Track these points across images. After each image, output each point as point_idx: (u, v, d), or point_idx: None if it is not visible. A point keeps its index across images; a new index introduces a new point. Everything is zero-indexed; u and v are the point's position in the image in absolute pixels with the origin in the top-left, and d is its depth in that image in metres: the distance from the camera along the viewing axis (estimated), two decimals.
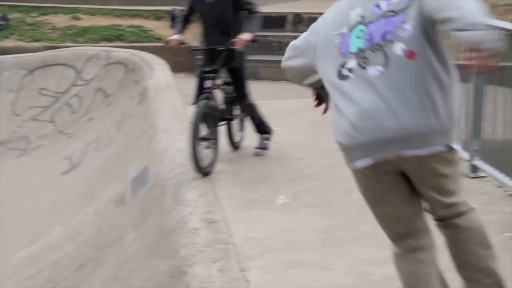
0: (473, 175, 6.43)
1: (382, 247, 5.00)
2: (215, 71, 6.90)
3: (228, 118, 7.31)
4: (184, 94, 10.43)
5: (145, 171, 7.26)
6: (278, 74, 10.17)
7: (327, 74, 3.44)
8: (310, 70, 3.65)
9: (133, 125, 9.06)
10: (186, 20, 7.14)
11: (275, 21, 15.56)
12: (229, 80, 7.17)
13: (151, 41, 16.27)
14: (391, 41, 3.25)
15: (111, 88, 11.29)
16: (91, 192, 7.98)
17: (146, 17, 17.27)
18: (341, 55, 3.38)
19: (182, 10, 7.21)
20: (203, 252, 5.16)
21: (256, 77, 14.18)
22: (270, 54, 14.38)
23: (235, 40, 6.74)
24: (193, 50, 7.25)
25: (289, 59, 3.75)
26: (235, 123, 7.51)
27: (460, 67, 3.23)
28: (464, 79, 6.90)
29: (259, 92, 12.02)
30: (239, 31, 6.84)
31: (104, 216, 7.08)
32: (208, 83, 6.83)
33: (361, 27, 3.35)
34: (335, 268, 4.80)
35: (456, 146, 3.36)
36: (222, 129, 7.23)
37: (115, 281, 5.75)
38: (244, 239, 5.31)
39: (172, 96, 9.42)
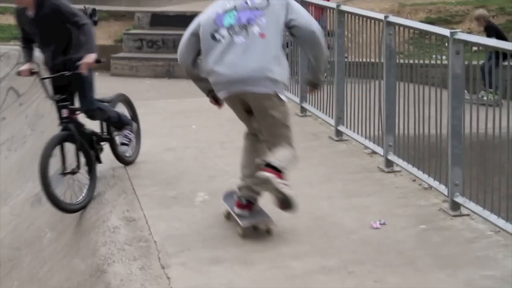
0: (388, 169, 6.58)
1: (302, 242, 5.11)
2: (67, 99, 6.39)
3: (107, 138, 6.81)
4: (99, 93, 10.31)
5: None
6: None
7: (205, 35, 5.26)
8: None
9: (47, 124, 8.92)
10: (27, 42, 6.58)
11: (189, 20, 15.55)
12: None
13: None
14: (252, 25, 5.20)
15: (23, 87, 11.08)
16: (5, 192, 7.83)
17: None
18: (216, 25, 5.24)
19: (93, 9, 6.78)
20: (123, 251, 5.15)
21: (172, 76, 14.18)
22: None
23: (79, 64, 6.21)
24: (43, 79, 6.51)
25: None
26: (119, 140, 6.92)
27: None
28: (375, 76, 7.10)
29: (175, 90, 12.03)
30: (76, 48, 6.37)
31: (20, 216, 6.97)
32: (64, 112, 6.36)
33: (234, 12, 5.25)
34: (256, 263, 4.85)
35: (284, 97, 5.24)
36: (107, 149, 6.81)
37: (32, 281, 5.68)
38: (164, 237, 5.31)
39: None
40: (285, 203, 5.02)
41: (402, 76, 6.69)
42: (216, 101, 5.48)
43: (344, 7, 7.73)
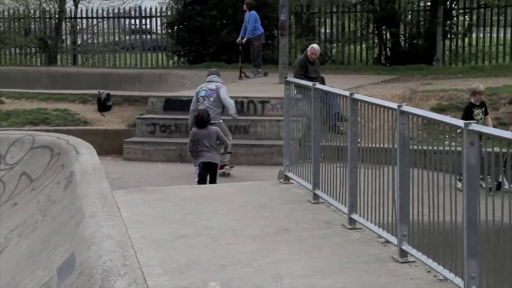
0: (402, 259, 6.47)
1: None
2: None
3: None
4: (111, 178, 10.30)
5: (72, 258, 7.08)
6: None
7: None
8: None
9: (59, 210, 8.88)
10: None
11: None
12: None
13: (77, 125, 16.18)
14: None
15: (36, 173, 11.10)
16: (14, 281, 7.73)
17: (72, 101, 17.17)
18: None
19: (107, 94, 6.70)
20: None
21: (184, 160, 14.19)
22: None
23: None
24: None
25: None
26: None
27: None
28: (388, 161, 7.06)
29: (187, 175, 12.02)
30: None
31: None
32: None
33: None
34: None
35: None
36: None
37: None
38: None
39: (100, 181, 9.29)
40: None
41: (416, 162, 6.64)
42: None
43: (357, 96, 7.74)
